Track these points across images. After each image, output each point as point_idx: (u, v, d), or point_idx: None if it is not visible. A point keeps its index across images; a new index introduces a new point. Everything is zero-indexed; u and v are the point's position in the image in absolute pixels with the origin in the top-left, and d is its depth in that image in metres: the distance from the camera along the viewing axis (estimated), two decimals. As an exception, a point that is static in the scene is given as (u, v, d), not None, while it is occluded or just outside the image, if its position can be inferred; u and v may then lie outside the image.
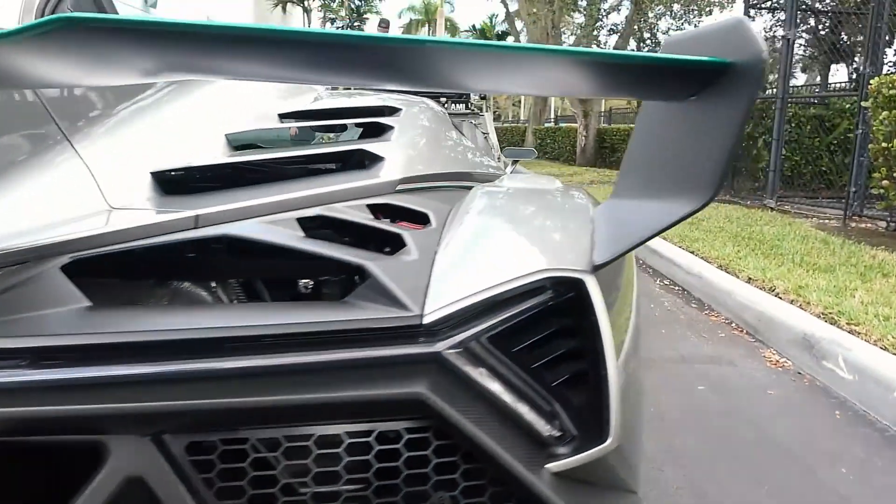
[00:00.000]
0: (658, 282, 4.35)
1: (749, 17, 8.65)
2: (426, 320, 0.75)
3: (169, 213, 0.89)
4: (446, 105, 10.29)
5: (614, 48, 13.86)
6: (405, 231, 0.99)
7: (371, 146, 1.27)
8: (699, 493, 1.82)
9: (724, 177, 0.66)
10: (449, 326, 0.77)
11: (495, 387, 0.77)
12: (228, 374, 0.72)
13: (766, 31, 9.52)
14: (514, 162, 3.61)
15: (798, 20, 10.33)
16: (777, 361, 2.88)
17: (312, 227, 1.04)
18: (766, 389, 2.57)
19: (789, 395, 2.52)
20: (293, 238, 0.87)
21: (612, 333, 0.81)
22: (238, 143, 1.37)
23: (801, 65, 12.55)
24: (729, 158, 0.65)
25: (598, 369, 0.77)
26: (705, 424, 2.25)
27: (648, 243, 4.93)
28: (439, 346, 0.76)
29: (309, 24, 20.15)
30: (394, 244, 0.96)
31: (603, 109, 21.65)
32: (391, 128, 1.40)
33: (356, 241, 1.05)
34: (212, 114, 1.50)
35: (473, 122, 9.40)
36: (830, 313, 2.97)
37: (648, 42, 12.75)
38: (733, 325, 3.42)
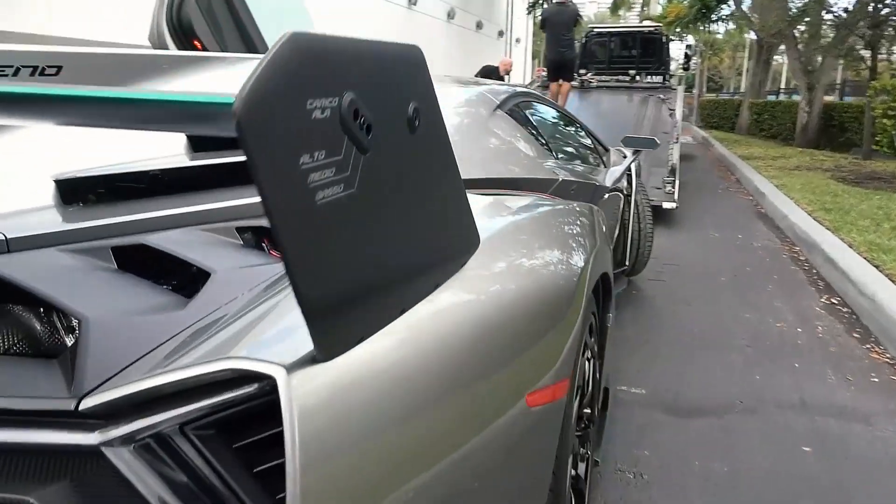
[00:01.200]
0: (823, 299, 3.62)
1: None
2: (86, 405, 0.63)
3: None
4: (638, 77, 9.60)
5: (848, 11, 11.83)
6: (223, 273, 0.87)
7: None
8: None
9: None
10: (117, 415, 0.64)
11: (169, 496, 0.63)
12: None
13: None
14: (636, 152, 3.17)
15: None
16: (938, 426, 2.23)
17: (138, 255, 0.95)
18: (900, 463, 2.00)
19: (932, 477, 1.93)
20: (29, 277, 0.78)
21: (330, 446, 0.62)
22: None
23: None
24: None
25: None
26: (784, 499, 1.80)
27: (826, 250, 4.12)
28: (95, 439, 0.63)
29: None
30: (195, 288, 0.85)
31: (839, 81, 18.58)
32: None
33: (177, 276, 0.95)
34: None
35: (662, 97, 8.62)
36: None
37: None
38: (899, 367, 2.72)
